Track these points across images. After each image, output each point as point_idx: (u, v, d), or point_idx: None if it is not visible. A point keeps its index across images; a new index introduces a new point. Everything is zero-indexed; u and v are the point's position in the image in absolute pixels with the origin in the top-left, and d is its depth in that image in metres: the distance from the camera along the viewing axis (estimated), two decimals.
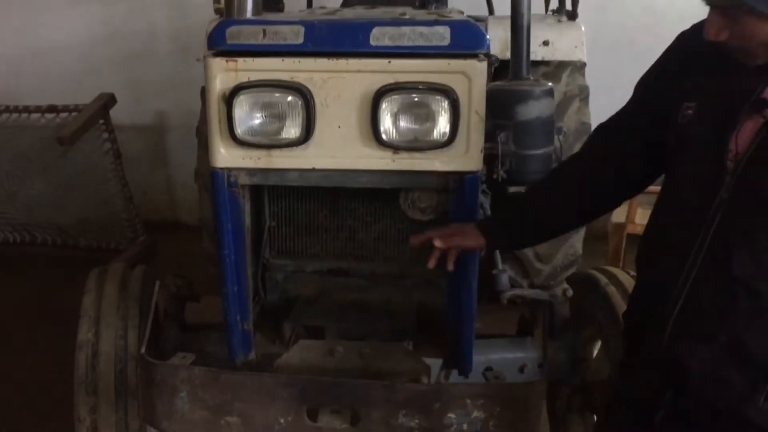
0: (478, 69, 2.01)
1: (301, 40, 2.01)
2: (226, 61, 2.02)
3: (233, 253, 2.22)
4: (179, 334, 2.74)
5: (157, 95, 5.99)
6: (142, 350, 2.19)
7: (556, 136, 3.18)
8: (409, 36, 2.00)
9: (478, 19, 3.32)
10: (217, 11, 4.15)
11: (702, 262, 1.59)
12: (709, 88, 1.61)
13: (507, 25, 4.33)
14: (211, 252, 3.59)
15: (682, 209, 1.67)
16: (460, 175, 2.09)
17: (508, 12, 3.09)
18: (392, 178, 2.14)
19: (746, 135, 1.54)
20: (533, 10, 4.62)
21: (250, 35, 2.02)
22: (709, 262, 1.58)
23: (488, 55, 2.08)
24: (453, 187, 2.12)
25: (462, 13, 3.44)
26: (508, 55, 4.47)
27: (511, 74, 3.10)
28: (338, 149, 2.08)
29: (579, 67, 4.62)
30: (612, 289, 2.80)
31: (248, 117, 2.03)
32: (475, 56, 2.02)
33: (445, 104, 2.00)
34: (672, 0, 5.53)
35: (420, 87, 2.00)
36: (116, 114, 5.37)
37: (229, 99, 2.00)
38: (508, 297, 2.83)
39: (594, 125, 5.17)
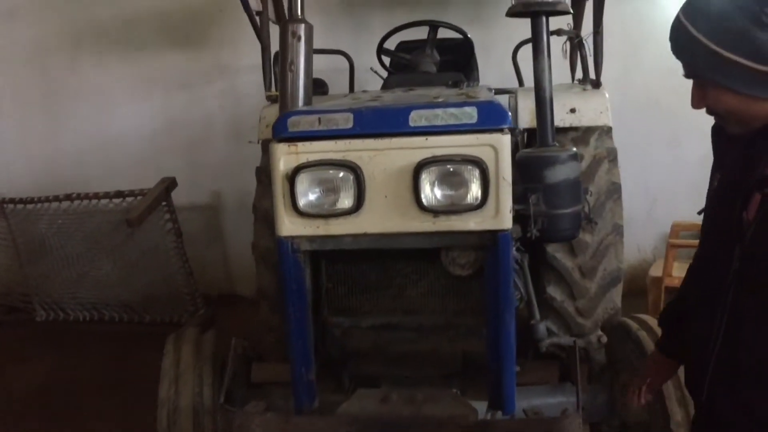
0: (503, 141, 2.33)
1: (351, 125, 2.36)
2: (288, 146, 2.38)
3: (297, 311, 2.52)
4: (247, 390, 3.04)
5: (213, 177, 6.44)
6: (221, 400, 2.49)
7: (583, 196, 3.47)
8: (442, 116, 2.34)
9: (508, 92, 3.68)
10: (269, 98, 4.57)
11: (725, 330, 1.66)
12: (729, 158, 1.71)
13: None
14: (270, 320, 3.87)
15: (705, 277, 1.76)
16: (493, 234, 2.39)
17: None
18: (433, 238, 2.44)
19: (753, 208, 1.62)
20: (560, 80, 5.00)
21: (308, 123, 2.38)
22: (729, 329, 1.66)
23: (512, 129, 2.40)
24: (487, 244, 2.41)
25: (491, 90, 3.80)
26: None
27: (538, 142, 3.43)
28: (386, 215, 2.40)
29: (606, 131, 4.91)
30: (643, 334, 3.04)
31: (308, 192, 2.37)
32: (500, 130, 2.34)
33: (476, 173, 2.32)
34: None
35: (454, 159, 2.32)
36: (176, 196, 5.80)
37: (291, 177, 2.34)
38: (547, 345, 3.08)
39: (625, 184, 5.45)
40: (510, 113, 2.40)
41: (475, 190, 2.34)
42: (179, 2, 6.33)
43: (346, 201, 2.38)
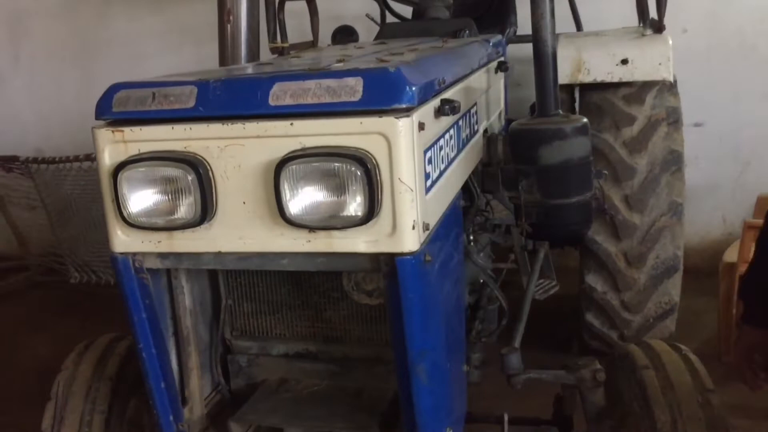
0: (399, 128, 1.60)
1: (192, 104, 1.70)
2: (113, 131, 1.75)
3: (152, 346, 1.93)
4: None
5: None
6: None
7: (594, 182, 2.68)
8: (314, 92, 1.64)
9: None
10: (273, 50, 3.93)
11: None
12: None
13: (583, 42, 3.82)
14: None
15: None
16: (389, 258, 1.69)
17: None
18: (315, 260, 1.77)
19: None
20: (625, 22, 4.07)
21: (138, 100, 1.73)
22: None
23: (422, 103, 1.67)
24: (385, 271, 1.71)
25: (488, 42, 3.01)
26: (580, 78, 4.02)
27: (537, 109, 2.65)
28: (246, 229, 1.74)
29: (667, 86, 4.00)
30: (650, 375, 2.26)
31: (139, 195, 1.74)
32: (395, 112, 1.62)
33: (359, 173, 1.61)
34: None
35: (326, 153, 1.62)
36: None
37: (114, 176, 1.72)
38: (522, 382, 2.36)
39: (711, 146, 4.43)
40: (418, 84, 1.66)
41: (358, 199, 1.64)
42: None
43: (189, 208, 1.74)
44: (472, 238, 2.54)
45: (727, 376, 4.16)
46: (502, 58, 3.15)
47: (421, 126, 1.67)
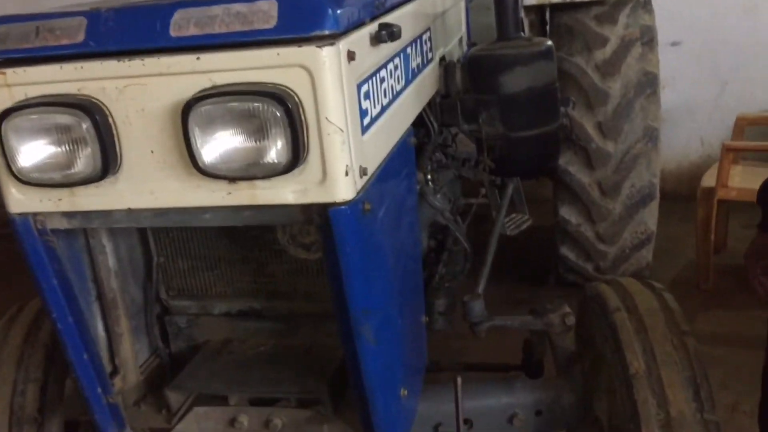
0: (322, 59, 1.37)
1: (81, 38, 1.45)
2: None
3: (68, 315, 1.72)
4: None
5: None
6: None
7: (561, 110, 2.46)
8: (221, 19, 1.39)
9: None
10: None
11: None
12: None
13: None
14: None
15: None
16: (321, 209, 1.47)
17: None
18: (244, 213, 1.55)
19: None
20: None
21: (20, 36, 1.48)
22: None
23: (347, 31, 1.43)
24: (317, 223, 1.50)
25: None
26: None
27: (497, 33, 2.41)
28: (156, 181, 1.52)
29: (641, 3, 3.74)
30: (621, 317, 2.09)
31: (30, 147, 1.51)
32: (318, 39, 1.38)
33: (278, 113, 1.38)
34: None
35: (240, 91, 1.39)
36: None
37: None
38: (485, 330, 2.20)
39: (688, 65, 4.21)
40: (344, 6, 1.41)
41: (279, 143, 1.41)
42: None
43: (89, 161, 1.50)
44: (429, 177, 2.33)
45: (706, 304, 4.08)
46: None
47: (351, 55, 1.44)
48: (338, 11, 1.39)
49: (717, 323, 3.84)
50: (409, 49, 2.02)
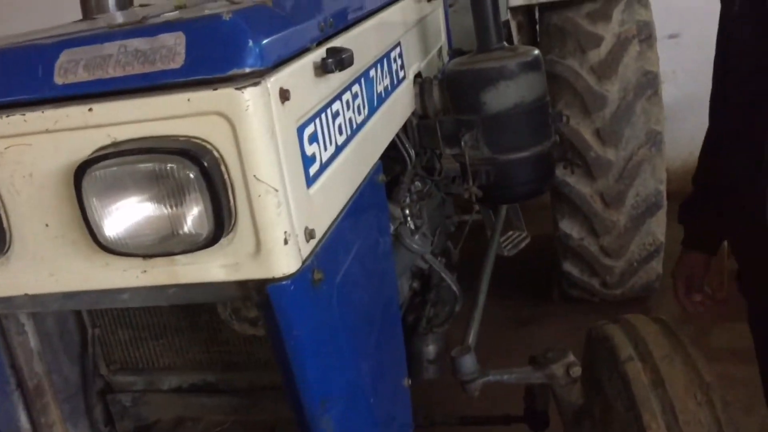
0: (245, 102, 1.08)
1: None
2: None
3: None
4: None
5: None
6: None
7: (554, 126, 2.18)
8: (117, 59, 1.10)
9: None
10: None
11: None
12: None
13: None
14: None
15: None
16: (260, 284, 1.19)
17: None
18: (169, 292, 1.26)
19: None
20: None
21: None
22: None
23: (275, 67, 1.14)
24: (257, 301, 1.22)
25: None
26: None
27: (477, 44, 2.13)
28: (55, 261, 1.23)
29: None
30: (635, 368, 1.79)
31: None
32: (237, 80, 1.09)
33: (192, 175, 1.09)
34: None
35: (143, 149, 1.10)
36: None
37: None
38: (478, 388, 1.91)
39: (699, 54, 3.99)
40: (271, 35, 1.13)
41: (196, 211, 1.12)
42: None
43: None
44: (408, 212, 2.04)
45: (722, 315, 3.77)
46: None
47: (285, 94, 1.15)
48: (263, 42, 1.10)
49: (736, 337, 3.52)
50: (372, 72, 1.74)
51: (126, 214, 1.14)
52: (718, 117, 1.89)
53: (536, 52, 2.09)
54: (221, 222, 1.12)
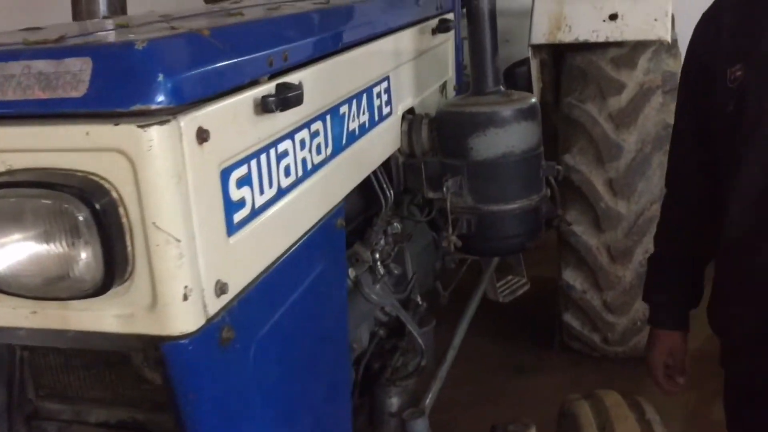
0: (147, 142, 0.96)
1: None
2: None
3: None
4: None
5: None
6: None
7: (544, 180, 2.04)
8: (19, 81, 1.00)
9: None
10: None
11: None
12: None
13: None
14: None
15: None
16: (155, 341, 1.07)
17: None
18: (69, 335, 1.15)
19: None
20: None
21: None
22: None
23: (195, 105, 1.03)
24: (154, 358, 1.10)
25: None
26: (559, 38, 3.32)
27: (471, 86, 2.00)
28: None
29: (665, 47, 3.29)
30: None
31: None
32: (143, 115, 0.98)
33: (82, 216, 0.98)
34: None
35: (34, 182, 0.99)
36: None
37: None
38: None
39: None
40: (190, 70, 1.01)
41: (85, 255, 1.01)
42: None
43: None
44: (378, 257, 1.92)
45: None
46: (446, 15, 2.47)
47: (203, 135, 1.03)
48: (178, 77, 0.99)
49: None
50: (343, 108, 1.62)
51: (9, 252, 1.03)
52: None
53: (533, 100, 1.97)
54: (112, 269, 1.00)
